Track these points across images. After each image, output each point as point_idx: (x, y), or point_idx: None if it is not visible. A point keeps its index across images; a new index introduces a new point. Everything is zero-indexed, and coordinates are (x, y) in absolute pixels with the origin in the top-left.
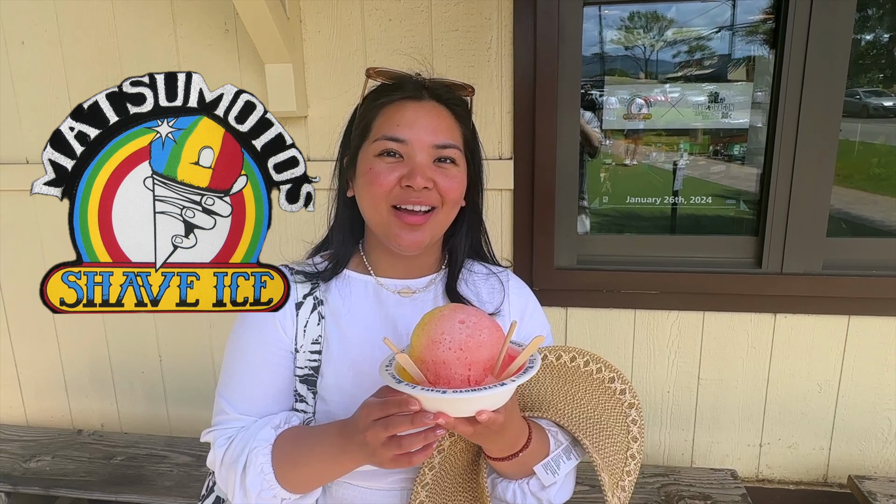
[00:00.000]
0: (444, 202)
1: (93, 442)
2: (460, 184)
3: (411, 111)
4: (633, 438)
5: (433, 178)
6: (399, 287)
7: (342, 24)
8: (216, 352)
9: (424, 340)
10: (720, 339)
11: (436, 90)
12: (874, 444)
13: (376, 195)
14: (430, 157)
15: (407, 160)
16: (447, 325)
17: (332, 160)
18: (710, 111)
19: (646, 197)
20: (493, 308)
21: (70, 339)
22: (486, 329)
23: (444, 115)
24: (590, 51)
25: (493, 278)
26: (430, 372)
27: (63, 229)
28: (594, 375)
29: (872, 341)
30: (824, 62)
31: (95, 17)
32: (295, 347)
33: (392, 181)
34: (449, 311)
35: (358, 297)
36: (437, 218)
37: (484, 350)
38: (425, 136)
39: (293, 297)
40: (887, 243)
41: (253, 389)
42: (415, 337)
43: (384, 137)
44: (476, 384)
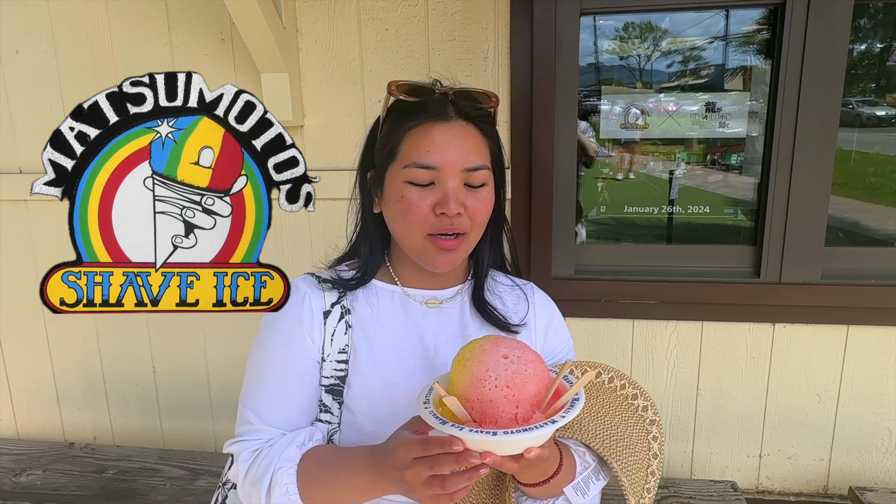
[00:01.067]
0: (473, 226)
1: (85, 455)
2: (489, 204)
3: (440, 135)
4: (653, 455)
5: (464, 201)
6: (426, 298)
7: (338, 33)
8: (211, 363)
9: (468, 378)
10: (719, 349)
11: (462, 108)
12: (874, 454)
13: (411, 224)
14: (461, 180)
15: (438, 186)
16: (491, 361)
17: (329, 169)
18: (706, 120)
19: (643, 206)
20: (518, 319)
21: (62, 350)
22: (531, 363)
23: (472, 135)
24: (586, 61)
25: (518, 290)
26: (475, 410)
27: (56, 239)
28: (618, 392)
29: (872, 351)
30: (821, 71)
31: (90, 26)
32: (322, 356)
33: (426, 209)
34: (491, 346)
35: (385, 307)
36: (468, 239)
37: (531, 385)
38: (456, 160)
39: (320, 305)
40: (886, 252)
41: (278, 400)
42: (455, 373)
43: (415, 165)
44: (524, 421)
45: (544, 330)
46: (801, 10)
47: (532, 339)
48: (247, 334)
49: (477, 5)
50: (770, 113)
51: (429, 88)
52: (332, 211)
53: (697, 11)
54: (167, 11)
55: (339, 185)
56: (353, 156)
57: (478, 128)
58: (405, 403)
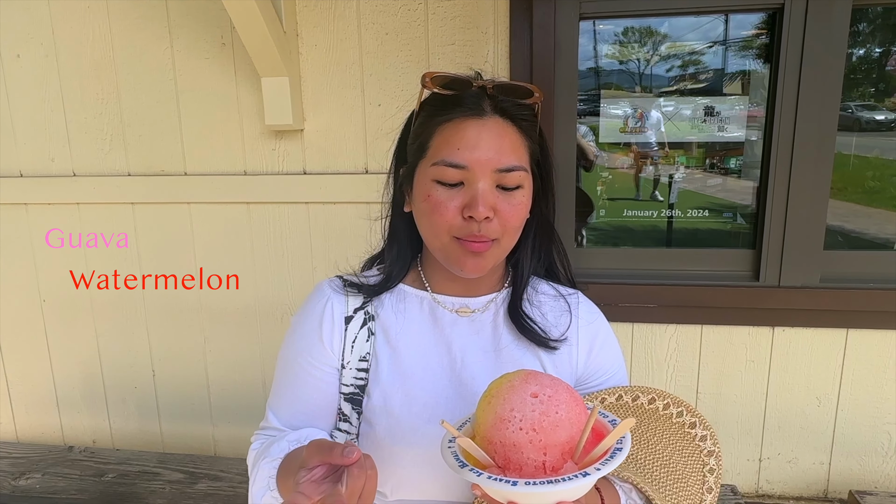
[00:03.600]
0: (504, 232)
1: (84, 459)
2: (523, 209)
3: (473, 131)
4: (707, 489)
5: (495, 205)
6: (457, 305)
7: (339, 37)
8: (210, 367)
9: (491, 417)
10: (718, 353)
11: (500, 103)
12: (874, 458)
13: (437, 225)
14: (493, 181)
15: (468, 186)
16: (517, 399)
17: (329, 173)
18: (705, 125)
19: (643, 210)
20: (558, 333)
21: (62, 353)
22: (563, 404)
23: (508, 133)
24: (585, 65)
25: (561, 300)
26: (498, 455)
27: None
28: (674, 420)
29: (871, 354)
30: (819, 75)
31: (91, 30)
32: (341, 364)
33: (453, 211)
34: (519, 382)
35: (413, 313)
36: (500, 245)
37: (561, 431)
38: (487, 159)
39: (342, 311)
40: (885, 256)
41: (295, 403)
42: (480, 411)
43: (443, 163)
44: (553, 471)
45: (588, 347)
46: (800, 14)
47: (573, 357)
48: (247, 337)
49: (476, 9)
50: (769, 117)
51: (466, 81)
52: (333, 215)
53: (696, 16)
54: (168, 15)
55: (340, 189)
56: (353, 160)
57: (516, 125)
58: (425, 419)
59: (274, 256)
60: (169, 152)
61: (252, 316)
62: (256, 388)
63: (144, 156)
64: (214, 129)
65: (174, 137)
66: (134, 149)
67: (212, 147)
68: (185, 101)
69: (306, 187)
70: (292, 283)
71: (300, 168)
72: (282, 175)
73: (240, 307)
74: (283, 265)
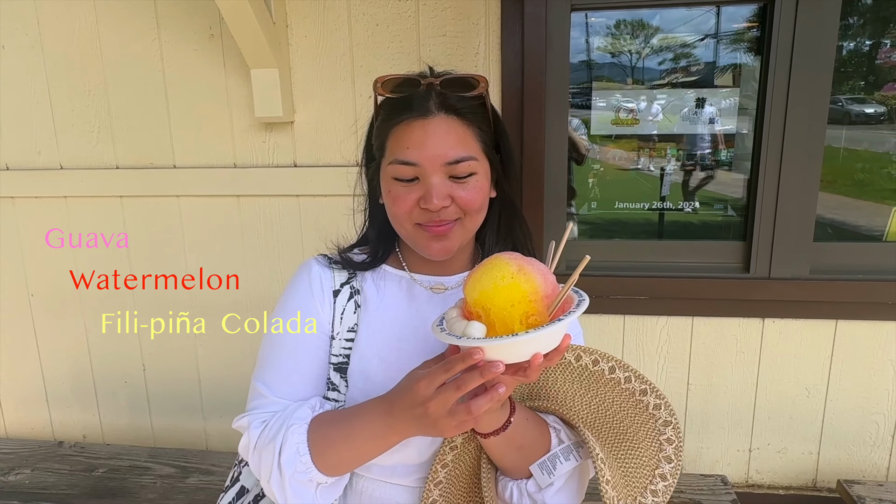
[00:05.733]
0: (465, 213)
1: (74, 454)
2: (480, 191)
3: (419, 131)
4: (666, 458)
5: (451, 194)
6: (432, 283)
7: (329, 28)
8: (201, 361)
9: (478, 289)
10: (709, 344)
11: (445, 100)
12: (862, 448)
13: (398, 216)
14: (445, 173)
15: (422, 181)
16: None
17: (319, 166)
18: (696, 117)
19: (634, 202)
20: None
21: (51, 348)
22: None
23: (454, 127)
24: (577, 57)
25: None
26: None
27: (43, 237)
28: (622, 385)
29: (860, 345)
30: (810, 67)
31: (77, 21)
32: (332, 334)
33: (410, 203)
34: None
35: (391, 290)
36: (463, 226)
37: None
38: (435, 155)
39: (330, 284)
40: (874, 248)
41: (292, 373)
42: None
43: (396, 161)
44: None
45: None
46: (791, 6)
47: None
48: (237, 332)
49: (468, 1)
50: (759, 109)
51: (414, 80)
52: (323, 207)
53: (687, 7)
54: (155, 7)
55: (330, 182)
56: (344, 152)
57: (462, 118)
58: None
59: (264, 250)
60: (158, 145)
61: (242, 310)
62: (248, 382)
63: (133, 148)
64: (203, 122)
65: (163, 130)
66: (122, 141)
67: (201, 139)
68: (173, 93)
69: (297, 180)
70: (283, 277)
71: (290, 161)
72: (272, 168)
73: (230, 301)
74: (273, 259)
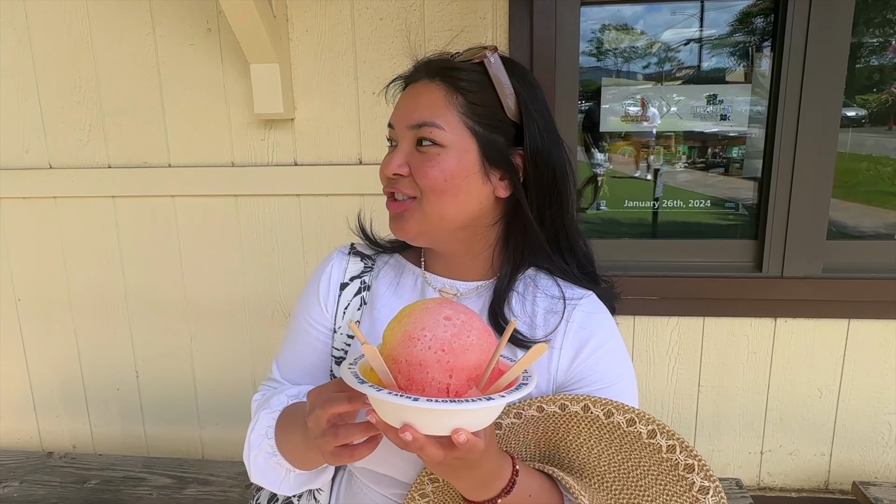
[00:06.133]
0: (422, 190)
1: (64, 465)
2: (438, 167)
3: (403, 94)
4: None
5: (409, 163)
6: (443, 285)
7: (331, 22)
8: (197, 366)
9: (399, 335)
10: (720, 345)
11: (431, 64)
12: (875, 449)
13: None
14: (412, 140)
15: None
16: (430, 319)
17: (320, 164)
18: (708, 114)
19: (644, 201)
20: (542, 334)
21: (39, 354)
22: (475, 330)
23: (430, 89)
24: (586, 53)
25: (559, 302)
26: (401, 374)
27: (29, 240)
28: (663, 454)
29: (872, 344)
30: (823, 63)
31: (68, 15)
32: (334, 327)
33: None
34: (434, 305)
35: (405, 287)
36: (421, 208)
37: (471, 355)
38: (403, 117)
39: (339, 277)
40: (887, 246)
41: (294, 359)
42: (388, 330)
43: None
44: (457, 396)
45: (573, 353)
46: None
47: (552, 362)
48: (234, 336)
49: None
50: (772, 106)
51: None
52: (325, 206)
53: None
54: (150, 0)
55: (332, 181)
56: (347, 150)
57: (446, 84)
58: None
59: (263, 251)
60: (152, 143)
61: (241, 313)
62: (246, 387)
63: (126, 147)
64: (200, 119)
65: (157, 127)
66: (114, 139)
67: (197, 137)
68: (168, 90)
69: (297, 179)
70: (283, 279)
71: (291, 159)
72: (271, 166)
73: (228, 304)
74: (273, 260)
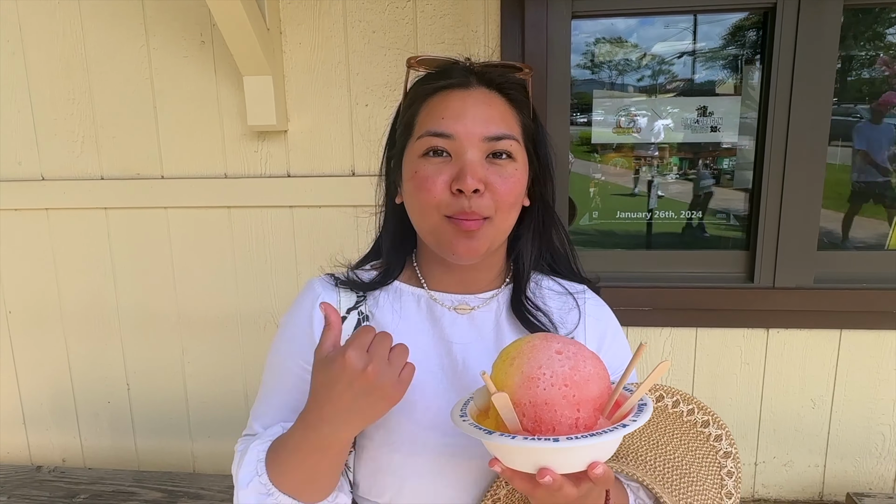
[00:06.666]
0: (497, 208)
1: (53, 479)
2: (517, 184)
3: (457, 100)
4: (727, 494)
5: (486, 178)
6: (455, 302)
7: (324, 35)
8: (189, 379)
9: (517, 378)
10: (713, 356)
11: (486, 74)
12: (868, 459)
13: (425, 203)
14: (483, 152)
15: (455, 159)
16: (543, 356)
17: (314, 176)
18: (699, 126)
19: (636, 212)
20: (565, 332)
21: (30, 367)
22: (589, 359)
23: (496, 102)
24: (577, 65)
25: (569, 297)
26: (527, 417)
27: (18, 252)
28: (684, 418)
29: (864, 355)
30: (812, 74)
31: (62, 26)
32: None
33: (441, 186)
34: (540, 342)
35: (409, 312)
36: (494, 226)
37: (593, 385)
38: (474, 127)
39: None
40: (878, 256)
41: (283, 410)
42: (501, 373)
43: (428, 133)
44: (587, 429)
45: (596, 346)
46: (792, 14)
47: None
48: (227, 348)
49: (466, 8)
50: (762, 117)
51: (452, 60)
52: (318, 218)
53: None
54: (144, 12)
55: (325, 192)
56: (340, 161)
57: (504, 96)
58: (425, 426)
59: (256, 263)
60: (145, 154)
61: (233, 325)
62: (238, 400)
63: (119, 158)
64: (193, 131)
65: (150, 139)
66: (107, 151)
67: (190, 149)
68: (162, 102)
69: (290, 190)
70: (276, 291)
71: (284, 170)
72: (264, 178)
73: (220, 316)
74: (265, 272)
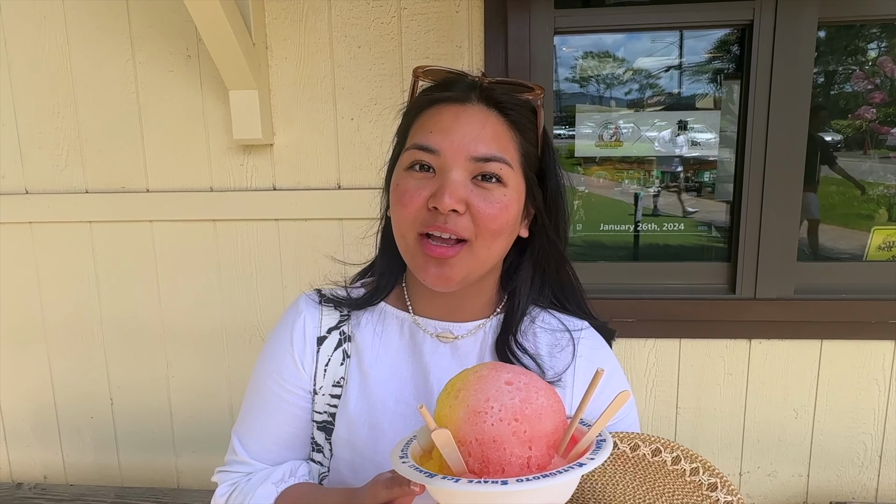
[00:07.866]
0: (478, 233)
1: (34, 497)
2: (504, 211)
3: (450, 115)
4: None
5: (467, 199)
6: (439, 329)
7: (310, 50)
8: (174, 394)
9: (461, 412)
10: (697, 367)
11: (488, 91)
12: (851, 468)
13: (402, 218)
14: (469, 172)
15: (439, 175)
16: (491, 388)
17: (299, 189)
18: (679, 139)
19: (619, 224)
20: (553, 373)
21: (11, 383)
22: (542, 391)
23: (492, 122)
24: (560, 80)
25: (565, 335)
26: (472, 457)
27: (4, 265)
28: (687, 478)
29: (845, 365)
30: (789, 88)
31: (47, 41)
32: (313, 388)
33: (419, 201)
34: (489, 371)
35: (391, 336)
36: (472, 252)
37: (546, 419)
38: (462, 145)
39: (315, 331)
40: (857, 267)
41: (264, 432)
42: (445, 408)
43: (415, 146)
44: (541, 469)
45: (583, 388)
46: (769, 30)
47: (565, 401)
48: (212, 362)
49: (451, 23)
50: (741, 130)
51: (460, 73)
52: (304, 231)
53: (668, 31)
54: (130, 27)
55: (310, 206)
56: (325, 175)
57: (503, 116)
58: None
59: (242, 276)
60: (130, 168)
61: (218, 339)
62: (223, 415)
63: (103, 172)
64: (179, 144)
65: (135, 152)
66: (92, 165)
67: (176, 162)
68: (147, 115)
69: (276, 204)
70: (261, 305)
71: (269, 184)
72: (250, 191)
73: (205, 330)
74: (251, 285)
